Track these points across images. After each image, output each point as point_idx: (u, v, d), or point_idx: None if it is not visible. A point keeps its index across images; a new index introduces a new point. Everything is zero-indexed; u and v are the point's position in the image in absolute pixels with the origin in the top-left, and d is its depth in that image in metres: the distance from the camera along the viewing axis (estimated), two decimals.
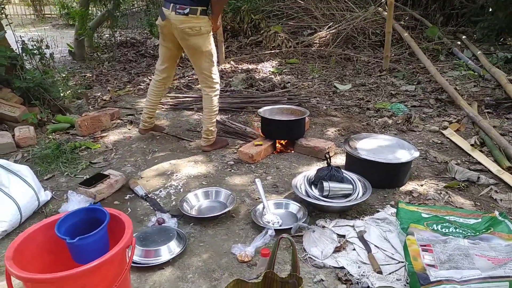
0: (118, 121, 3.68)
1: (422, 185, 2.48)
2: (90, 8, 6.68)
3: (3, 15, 3.77)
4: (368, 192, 2.22)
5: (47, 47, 4.08)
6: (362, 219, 2.12)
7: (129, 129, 3.43)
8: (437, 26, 6.36)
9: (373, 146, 2.61)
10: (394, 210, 2.16)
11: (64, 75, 4.19)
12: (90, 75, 5.16)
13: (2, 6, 3.86)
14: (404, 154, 2.48)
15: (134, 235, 1.94)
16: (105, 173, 2.55)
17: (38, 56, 3.96)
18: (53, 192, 2.46)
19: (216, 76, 2.90)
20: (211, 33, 2.78)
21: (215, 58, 2.86)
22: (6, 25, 3.77)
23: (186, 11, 2.58)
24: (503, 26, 6.14)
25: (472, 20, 6.88)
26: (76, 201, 2.23)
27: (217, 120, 3.58)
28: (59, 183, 2.60)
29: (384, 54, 5.11)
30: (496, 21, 6.25)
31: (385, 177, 2.45)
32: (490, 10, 6.73)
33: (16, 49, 3.81)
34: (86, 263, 1.30)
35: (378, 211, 2.20)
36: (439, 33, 6.05)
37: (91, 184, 2.40)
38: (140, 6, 10.93)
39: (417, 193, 2.38)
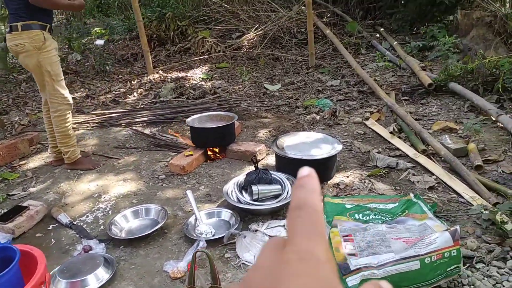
0: (38, 145, 3.45)
1: (348, 177, 2.60)
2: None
3: None
4: None
5: None
6: None
7: (50, 153, 3.22)
8: (357, 20, 6.70)
9: (300, 144, 2.68)
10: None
11: None
12: (6, 99, 4.79)
13: None
14: (329, 148, 2.58)
15: (57, 268, 1.84)
16: (24, 204, 2.38)
17: None
18: None
19: (59, 100, 2.72)
20: (46, 49, 2.57)
21: (56, 77, 2.67)
22: None
23: (8, 29, 2.57)
24: (415, 16, 6.62)
25: (388, 12, 7.33)
26: None
27: (145, 133, 3.51)
28: None
29: (309, 51, 5.28)
30: (408, 12, 6.72)
31: None
32: (403, 2, 7.22)
33: None
34: None
35: None
36: (359, 27, 6.38)
37: (8, 219, 2.22)
38: (60, 20, 10.37)
39: (344, 185, 2.49)
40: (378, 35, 6.34)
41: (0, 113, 4.21)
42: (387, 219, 1.88)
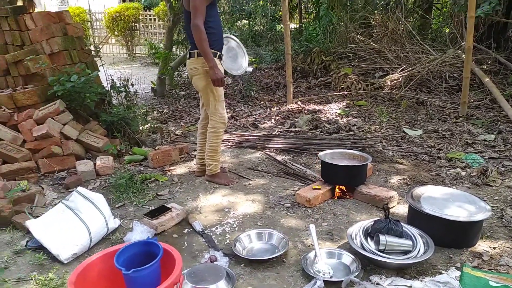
0: (186, 155, 3.91)
1: (494, 248, 2.25)
2: (173, 49, 7.32)
3: (98, 57, 4.31)
4: (430, 250, 2.08)
5: (132, 85, 4.54)
6: (421, 280, 1.98)
7: (195, 164, 3.61)
8: None
9: (439, 199, 2.44)
10: (458, 273, 1.98)
11: (143, 111, 4.60)
12: (167, 111, 5.59)
13: (99, 49, 4.41)
14: (474, 211, 2.29)
15: (185, 271, 2.02)
16: (168, 206, 2.70)
17: (124, 93, 4.42)
18: (121, 220, 2.66)
19: (217, 118, 3.06)
20: None
21: (218, 98, 3.01)
22: (100, 65, 4.29)
23: (188, 55, 3.00)
24: None
25: None
26: (139, 231, 2.39)
27: (277, 160, 3.66)
28: (128, 212, 2.81)
29: (462, 99, 4.83)
30: None
31: (451, 236, 2.26)
32: None
33: (106, 86, 4.30)
34: None
35: (440, 273, 2.03)
36: None
37: (154, 216, 2.56)
38: None
39: (488, 257, 2.17)
40: None
41: (161, 122, 4.92)
42: None
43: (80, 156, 3.69)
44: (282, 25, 12.44)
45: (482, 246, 2.28)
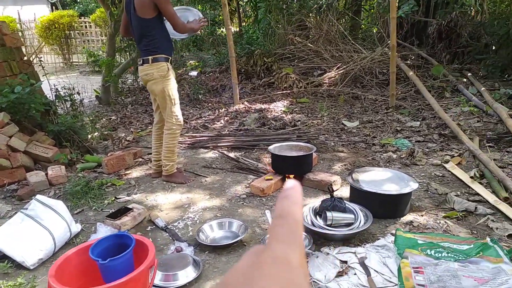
0: (140, 159, 3.99)
1: (422, 215, 2.64)
2: (116, 56, 7.24)
3: (41, 66, 4.23)
4: (369, 221, 2.40)
5: (78, 93, 4.50)
6: (363, 246, 2.29)
7: (150, 167, 3.70)
8: (443, 64, 6.63)
9: (375, 178, 2.80)
10: (393, 238, 2.32)
11: (91, 119, 4.57)
12: (115, 118, 5.57)
13: (40, 57, 4.33)
14: (404, 186, 2.66)
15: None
16: (129, 206, 2.80)
17: (69, 102, 4.37)
18: (83, 225, 2.72)
19: (174, 120, 3.24)
20: (168, 77, 3.12)
21: (174, 101, 3.20)
22: (43, 75, 4.22)
23: (140, 62, 3.11)
24: (506, 63, 6.37)
25: (477, 58, 7.13)
26: (103, 232, 2.48)
27: (230, 157, 3.87)
28: (88, 217, 2.86)
29: (390, 92, 5.36)
30: (499, 59, 6.50)
31: (386, 208, 2.62)
32: (494, 48, 6.99)
33: (49, 96, 4.23)
34: None
35: (379, 239, 2.36)
36: (445, 71, 6.30)
37: (116, 217, 2.65)
38: None
39: (417, 223, 2.54)
40: (465, 80, 6.20)
41: (111, 129, 4.91)
42: (460, 258, 1.93)
43: (30, 167, 3.63)
44: (222, 29, 12.68)
45: (412, 215, 2.66)
